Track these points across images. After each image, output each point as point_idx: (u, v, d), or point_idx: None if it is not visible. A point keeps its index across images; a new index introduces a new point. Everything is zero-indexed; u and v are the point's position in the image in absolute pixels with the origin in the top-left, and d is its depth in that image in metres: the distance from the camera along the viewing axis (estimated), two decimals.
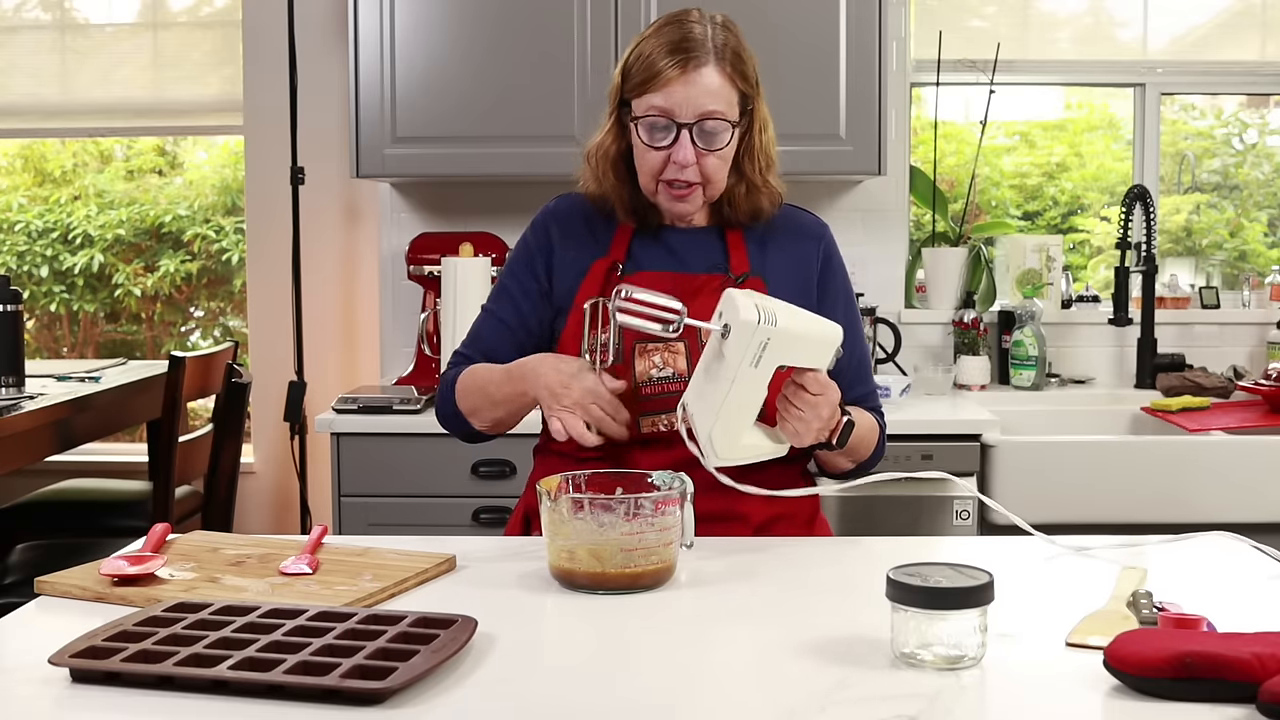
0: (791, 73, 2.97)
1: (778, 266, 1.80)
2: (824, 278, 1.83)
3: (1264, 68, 3.48)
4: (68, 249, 4.02)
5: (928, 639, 1.14)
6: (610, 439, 1.63)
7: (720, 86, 1.69)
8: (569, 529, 1.39)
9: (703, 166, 1.70)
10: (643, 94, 1.70)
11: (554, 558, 1.42)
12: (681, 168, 1.69)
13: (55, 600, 1.41)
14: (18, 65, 3.69)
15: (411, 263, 3.20)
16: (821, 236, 1.85)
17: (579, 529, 1.39)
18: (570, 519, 1.39)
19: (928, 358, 3.36)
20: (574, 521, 1.39)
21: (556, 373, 1.63)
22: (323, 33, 3.44)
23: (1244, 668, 1.04)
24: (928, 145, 3.45)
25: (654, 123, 1.69)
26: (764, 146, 1.77)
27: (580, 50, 3.00)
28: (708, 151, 1.69)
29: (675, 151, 1.68)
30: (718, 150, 1.70)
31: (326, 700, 1.06)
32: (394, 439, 2.79)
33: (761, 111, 1.77)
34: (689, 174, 1.70)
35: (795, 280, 1.80)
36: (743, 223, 1.80)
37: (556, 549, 1.41)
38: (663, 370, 1.71)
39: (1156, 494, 2.70)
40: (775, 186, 1.80)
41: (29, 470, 3.32)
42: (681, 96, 1.67)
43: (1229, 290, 3.57)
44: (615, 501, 1.40)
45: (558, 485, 1.46)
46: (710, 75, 1.68)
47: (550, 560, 1.43)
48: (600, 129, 1.81)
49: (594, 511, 1.39)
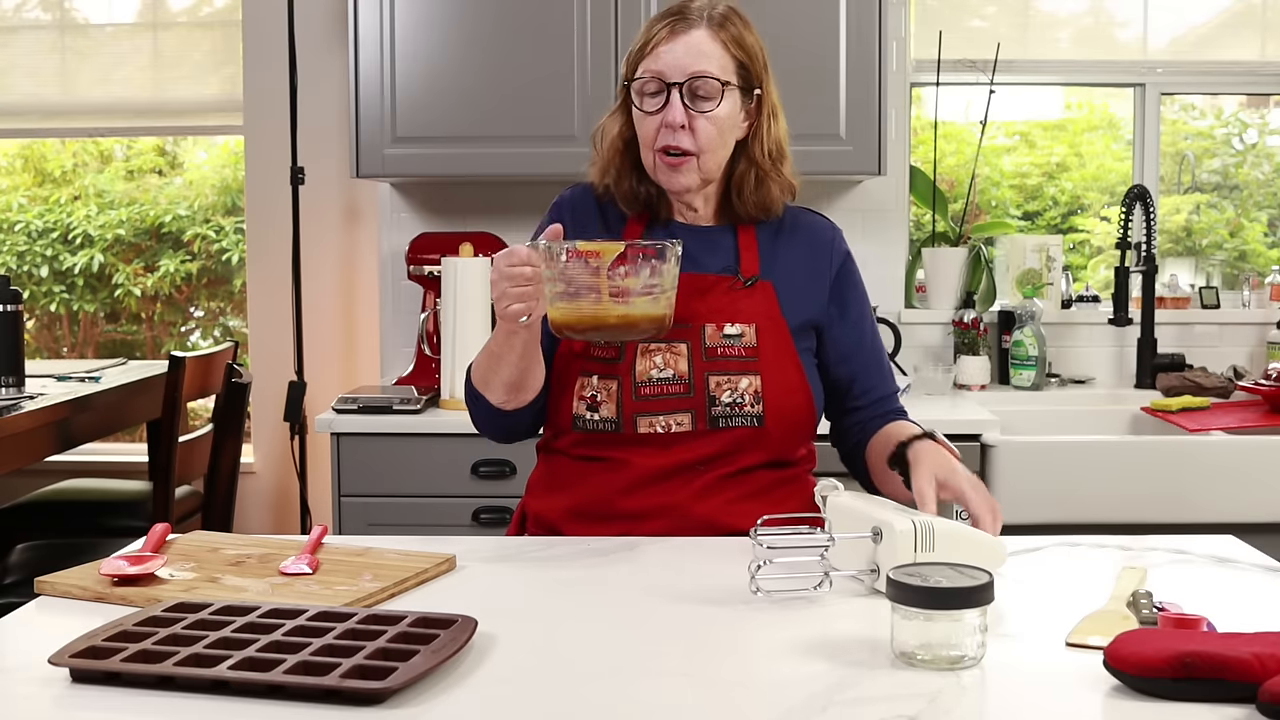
0: (791, 73, 2.96)
1: (788, 268, 1.78)
2: (840, 285, 1.81)
3: (1264, 68, 3.48)
4: (68, 249, 4.02)
5: (928, 639, 1.14)
6: (531, 312, 1.56)
7: (711, 48, 1.69)
8: (565, 272, 1.47)
9: (695, 131, 1.68)
10: (638, 63, 1.71)
11: (553, 310, 1.49)
12: (673, 130, 1.68)
13: (55, 600, 1.41)
14: (18, 65, 3.69)
15: (411, 263, 3.20)
16: (833, 240, 1.84)
17: (571, 271, 1.46)
18: (565, 265, 1.47)
19: (928, 358, 3.36)
20: (567, 266, 1.46)
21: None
22: (323, 33, 3.44)
23: (1244, 668, 1.04)
24: (928, 145, 3.45)
25: (645, 86, 1.70)
26: (774, 134, 1.76)
27: (580, 50, 3.00)
28: (698, 114, 1.68)
29: (666, 113, 1.68)
30: (708, 112, 1.68)
31: (326, 700, 1.06)
32: (394, 439, 2.79)
33: (771, 98, 1.76)
34: (682, 139, 1.68)
35: (805, 282, 1.78)
36: (754, 216, 1.78)
37: (554, 295, 1.48)
38: (663, 371, 1.70)
39: (1156, 494, 2.70)
40: (788, 176, 1.78)
41: (29, 470, 3.32)
42: (670, 58, 1.68)
43: (1229, 290, 3.57)
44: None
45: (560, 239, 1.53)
46: (700, 36, 1.69)
47: (550, 315, 1.50)
48: (608, 113, 1.81)
49: (580, 257, 1.47)
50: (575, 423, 1.72)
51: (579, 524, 1.72)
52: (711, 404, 1.69)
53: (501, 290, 1.53)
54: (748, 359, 1.70)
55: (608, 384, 1.71)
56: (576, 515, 1.73)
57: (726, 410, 1.69)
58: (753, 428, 1.70)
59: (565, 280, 1.48)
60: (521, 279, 1.51)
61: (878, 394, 1.82)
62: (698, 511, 1.69)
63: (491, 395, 1.71)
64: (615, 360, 1.71)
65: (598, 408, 1.71)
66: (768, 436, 1.71)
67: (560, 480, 1.77)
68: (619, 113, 1.78)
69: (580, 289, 1.47)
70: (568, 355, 1.75)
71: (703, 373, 1.70)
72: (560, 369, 1.75)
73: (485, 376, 1.70)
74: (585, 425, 1.72)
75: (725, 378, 1.70)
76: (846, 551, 1.40)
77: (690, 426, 1.69)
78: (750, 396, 1.69)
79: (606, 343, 1.67)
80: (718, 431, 1.70)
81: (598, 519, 1.71)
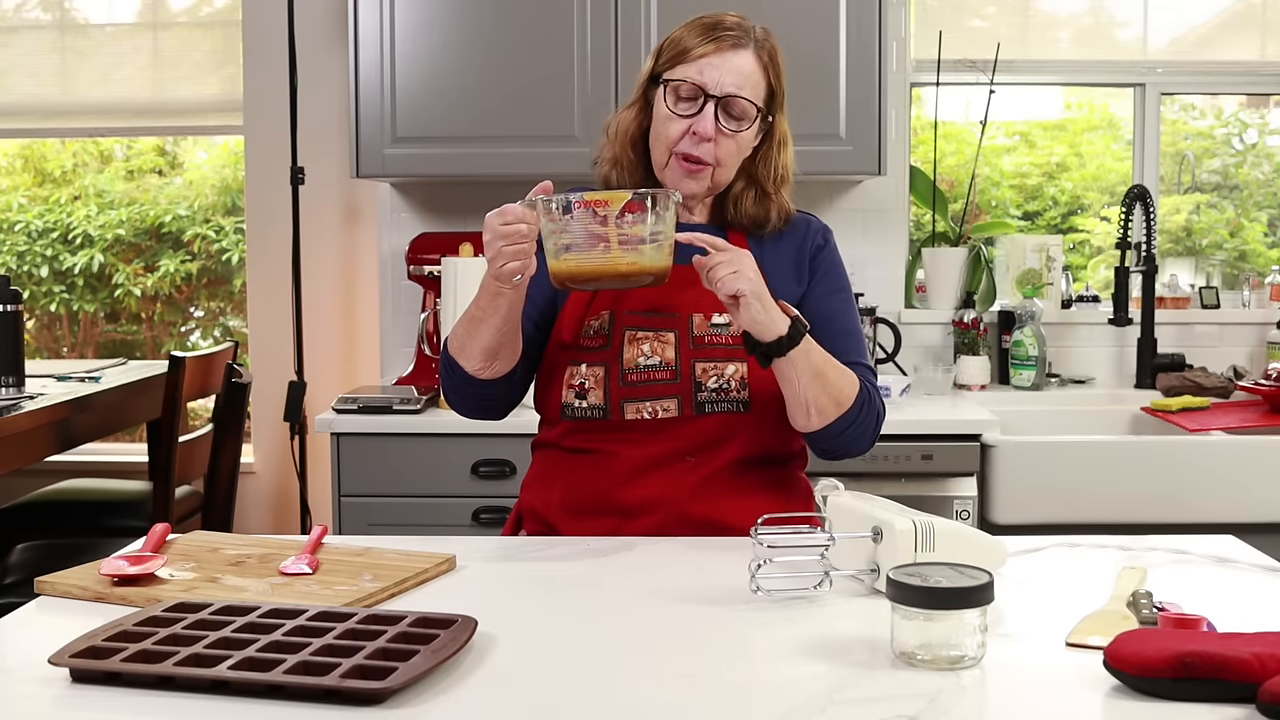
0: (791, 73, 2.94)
1: (776, 258, 1.79)
2: (817, 262, 1.81)
3: (1264, 68, 3.48)
4: (68, 249, 4.02)
5: (928, 639, 1.14)
6: (525, 271, 1.55)
7: (754, 71, 1.72)
8: (571, 224, 1.48)
9: (719, 147, 1.71)
10: (676, 65, 1.72)
11: (558, 263, 1.51)
12: (700, 140, 1.70)
13: (55, 600, 1.41)
14: (18, 65, 3.69)
15: (411, 263, 3.20)
16: (818, 229, 1.84)
17: (578, 222, 1.48)
18: (564, 217, 1.48)
19: (928, 358, 3.36)
20: (568, 219, 1.48)
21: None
22: (323, 33, 3.44)
23: (1244, 668, 1.04)
24: (928, 145, 3.45)
25: (681, 89, 1.71)
26: (782, 161, 1.79)
27: (580, 50, 3.00)
28: (728, 132, 1.70)
29: (697, 122, 1.69)
30: (738, 133, 1.71)
31: (326, 700, 1.06)
32: (394, 439, 2.79)
33: (782, 126, 1.79)
34: (705, 150, 1.70)
35: (790, 269, 1.80)
36: (745, 227, 1.80)
37: (558, 248, 1.50)
38: (650, 358, 1.71)
39: (1156, 494, 2.70)
40: (786, 201, 1.81)
41: (29, 470, 3.32)
42: (714, 73, 1.70)
43: (1229, 290, 3.57)
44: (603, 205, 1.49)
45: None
46: (747, 58, 1.72)
47: (554, 269, 1.52)
48: (625, 105, 1.82)
49: (587, 208, 1.48)
50: (564, 411, 1.74)
51: (571, 517, 1.73)
52: (697, 389, 1.70)
53: (496, 250, 1.53)
54: (734, 347, 1.71)
55: (595, 371, 1.72)
56: (569, 508, 1.74)
57: (712, 396, 1.70)
58: (738, 413, 1.71)
59: (571, 232, 1.48)
60: (517, 236, 1.52)
61: (839, 360, 1.73)
62: (693, 509, 1.70)
63: (468, 362, 1.69)
64: (603, 348, 1.72)
65: (586, 395, 1.72)
66: (754, 423, 1.72)
67: (552, 474, 1.78)
68: (637, 108, 1.79)
69: (589, 239, 1.48)
70: (556, 346, 1.76)
71: (689, 360, 1.71)
72: (549, 359, 1.77)
73: (463, 343, 1.69)
74: (574, 413, 1.73)
75: (712, 364, 1.71)
76: (846, 551, 1.40)
77: (677, 412, 1.70)
78: (736, 383, 1.71)
79: (611, 289, 1.65)
80: (704, 417, 1.70)
81: (590, 512, 1.72)
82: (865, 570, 1.39)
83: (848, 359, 1.73)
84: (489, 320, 1.63)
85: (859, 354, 1.78)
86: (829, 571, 1.37)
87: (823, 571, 1.37)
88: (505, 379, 1.72)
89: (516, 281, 1.55)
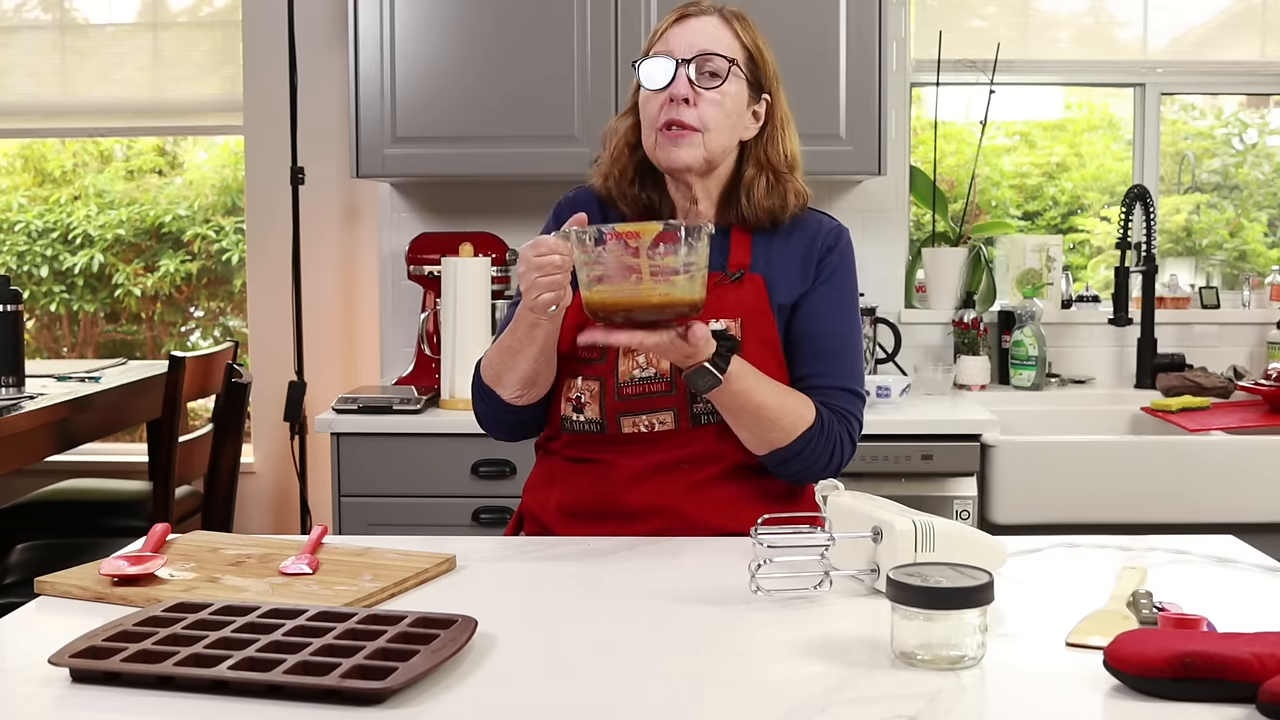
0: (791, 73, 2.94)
1: (783, 258, 1.75)
2: (825, 262, 1.76)
3: (1264, 68, 3.48)
4: (68, 249, 4.02)
5: (928, 639, 1.14)
6: (560, 301, 1.55)
7: (720, 33, 1.72)
8: (603, 255, 1.45)
9: (700, 109, 1.68)
10: (648, 52, 1.73)
11: (590, 294, 1.47)
12: (677, 104, 1.67)
13: (55, 600, 1.41)
14: (18, 65, 3.69)
15: (411, 263, 3.20)
16: (834, 229, 1.79)
17: (610, 253, 1.44)
18: (596, 249, 1.45)
19: (928, 358, 3.36)
20: (600, 250, 1.44)
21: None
22: (323, 33, 3.44)
23: (1244, 668, 1.04)
24: (928, 145, 3.45)
25: (651, 65, 1.70)
26: (790, 142, 1.77)
27: (580, 51, 3.00)
28: (704, 90, 1.68)
29: (672, 87, 1.68)
30: (714, 88, 1.68)
31: (326, 700, 1.06)
32: (394, 439, 2.79)
33: (782, 108, 1.78)
34: (685, 113, 1.67)
35: (798, 267, 1.75)
36: (759, 220, 1.75)
37: (590, 280, 1.46)
38: (645, 370, 1.70)
39: (1156, 494, 2.70)
40: (800, 182, 1.77)
41: (29, 470, 3.32)
42: (679, 40, 1.70)
43: (1229, 290, 3.57)
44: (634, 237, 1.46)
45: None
46: (710, 21, 1.72)
47: (586, 300, 1.47)
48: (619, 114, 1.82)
49: (619, 239, 1.44)
50: (564, 424, 1.74)
51: (570, 522, 1.73)
52: (693, 401, 1.69)
53: (531, 281, 1.52)
54: None
55: (590, 385, 1.71)
56: (567, 513, 1.73)
57: (708, 407, 1.67)
58: None
59: (603, 264, 1.47)
60: (551, 267, 1.51)
61: (810, 372, 1.72)
62: (692, 515, 1.69)
63: (505, 391, 1.70)
64: (598, 361, 1.71)
65: (583, 409, 1.72)
66: None
67: (553, 479, 1.78)
68: (629, 114, 1.78)
69: (621, 270, 1.46)
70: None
71: None
72: None
73: (499, 372, 1.70)
74: (572, 426, 1.73)
75: None
76: (846, 551, 1.40)
77: (673, 425, 1.69)
78: None
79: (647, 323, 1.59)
80: (701, 428, 1.69)
81: (588, 518, 1.71)
82: (865, 570, 1.39)
83: (826, 383, 1.70)
84: (526, 350, 1.64)
85: (843, 378, 1.73)
86: (829, 571, 1.37)
87: (823, 571, 1.37)
88: (541, 402, 1.74)
89: (551, 312, 1.55)
